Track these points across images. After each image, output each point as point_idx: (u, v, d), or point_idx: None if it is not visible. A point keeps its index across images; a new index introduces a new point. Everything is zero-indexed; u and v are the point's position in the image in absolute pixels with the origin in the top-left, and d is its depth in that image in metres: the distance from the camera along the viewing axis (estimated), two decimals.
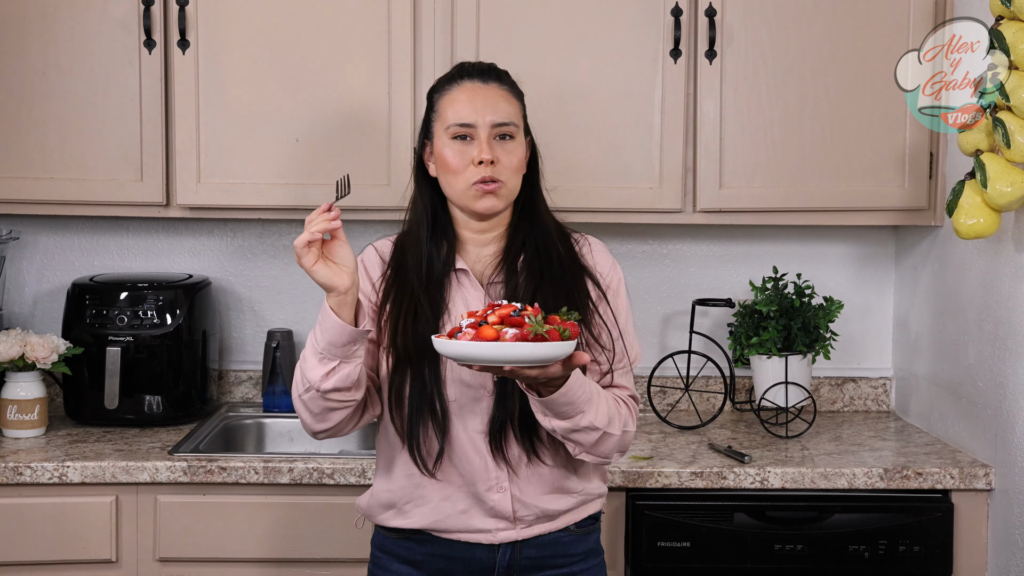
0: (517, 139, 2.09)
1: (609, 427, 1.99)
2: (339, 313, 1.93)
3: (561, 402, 1.91)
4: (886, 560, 2.61)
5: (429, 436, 2.05)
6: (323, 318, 1.94)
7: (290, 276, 3.23)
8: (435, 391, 2.04)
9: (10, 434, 2.82)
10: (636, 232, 3.22)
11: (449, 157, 2.06)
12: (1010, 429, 2.57)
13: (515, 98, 2.13)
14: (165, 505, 2.61)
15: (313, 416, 2.02)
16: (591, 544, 2.19)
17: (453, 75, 2.13)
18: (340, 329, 1.92)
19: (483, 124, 2.05)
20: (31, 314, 3.21)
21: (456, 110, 2.07)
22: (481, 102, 2.07)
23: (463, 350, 1.80)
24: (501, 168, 2.05)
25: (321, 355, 1.95)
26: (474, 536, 2.09)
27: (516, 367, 1.81)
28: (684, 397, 3.18)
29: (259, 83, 2.84)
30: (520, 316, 1.81)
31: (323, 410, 2.00)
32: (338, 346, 1.94)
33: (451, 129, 2.06)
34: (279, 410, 3.11)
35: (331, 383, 1.96)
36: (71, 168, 2.85)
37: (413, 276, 2.08)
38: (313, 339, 1.97)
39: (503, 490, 2.07)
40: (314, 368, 1.96)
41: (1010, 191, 2.38)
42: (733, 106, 2.86)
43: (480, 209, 2.07)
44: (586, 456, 2.03)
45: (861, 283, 3.27)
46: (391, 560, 2.15)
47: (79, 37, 2.83)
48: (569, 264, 2.11)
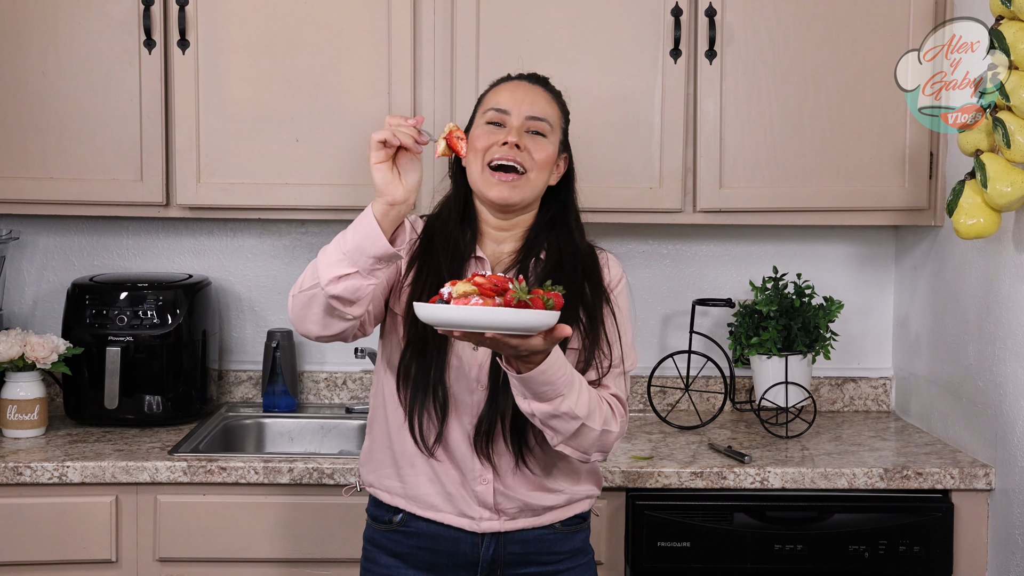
0: (549, 139, 2.13)
1: (589, 419, 1.98)
2: (380, 224, 1.90)
3: (540, 380, 1.89)
4: (886, 560, 2.61)
5: (430, 416, 2.07)
6: (361, 222, 1.91)
7: (290, 276, 3.23)
8: (439, 374, 2.05)
9: (10, 434, 2.82)
10: (636, 232, 3.22)
11: (478, 136, 2.11)
12: (1010, 429, 2.57)
13: (558, 106, 2.18)
14: (165, 505, 2.61)
15: (309, 315, 1.96)
16: (578, 543, 2.20)
17: (506, 76, 2.21)
18: (375, 238, 1.89)
19: (518, 113, 2.10)
20: (31, 314, 3.21)
21: (497, 98, 2.13)
22: (522, 94, 2.13)
23: (444, 314, 1.76)
24: (525, 156, 2.08)
25: (343, 256, 1.90)
26: (459, 520, 2.10)
27: (497, 334, 1.78)
28: (684, 397, 3.18)
29: (259, 83, 2.84)
30: (504, 282, 1.78)
31: (322, 313, 1.95)
32: (365, 255, 1.90)
33: (488, 113, 2.12)
34: (279, 410, 3.11)
35: (338, 288, 1.91)
36: (71, 168, 2.85)
37: (439, 252, 2.10)
38: (340, 240, 1.92)
39: (486, 482, 2.09)
40: (330, 266, 1.91)
41: (1010, 191, 2.38)
42: (733, 106, 2.86)
43: (492, 196, 2.08)
44: (564, 447, 2.01)
45: (861, 283, 3.27)
46: (380, 553, 2.17)
47: (79, 37, 2.83)
48: (592, 277, 2.12)
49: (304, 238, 3.23)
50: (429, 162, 2.72)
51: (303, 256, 3.22)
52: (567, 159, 2.19)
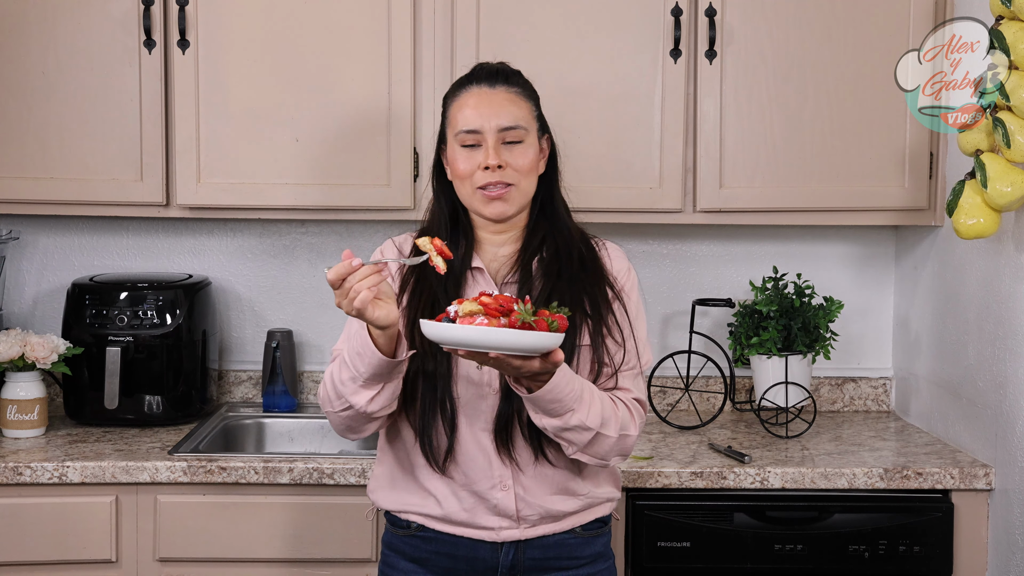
0: (527, 141, 2.09)
1: (603, 428, 1.98)
2: (384, 349, 1.92)
3: (547, 399, 1.90)
4: (886, 560, 2.61)
5: (439, 433, 2.06)
6: (363, 350, 1.93)
7: (290, 276, 3.23)
8: (446, 388, 2.05)
9: (10, 434, 2.82)
10: (636, 232, 3.22)
11: (457, 164, 2.09)
12: (1010, 429, 2.57)
13: (525, 99, 2.13)
14: (165, 505, 2.61)
15: (353, 431, 2.06)
16: (599, 548, 2.18)
17: (463, 80, 2.15)
18: (385, 363, 1.93)
19: (489, 129, 2.06)
20: (31, 314, 3.21)
21: (463, 116, 2.09)
22: (487, 108, 2.08)
23: (449, 333, 1.79)
24: (510, 172, 2.06)
25: (364, 381, 1.95)
26: (478, 533, 2.09)
27: (500, 354, 1.80)
28: (684, 397, 3.18)
29: (259, 83, 2.84)
30: (510, 302, 1.80)
31: (365, 425, 2.04)
32: (383, 374, 1.95)
33: (460, 136, 2.08)
34: (279, 410, 3.11)
35: (378, 404, 1.98)
36: (71, 168, 2.85)
37: (432, 271, 2.08)
38: (352, 368, 1.96)
39: (507, 488, 2.07)
40: (356, 393, 1.97)
41: (1010, 191, 2.38)
42: (733, 106, 2.86)
43: (489, 214, 2.08)
44: (581, 456, 2.02)
45: (861, 283, 3.27)
46: (398, 558, 2.16)
47: (79, 37, 2.83)
48: (590, 267, 2.12)
49: (304, 238, 3.23)
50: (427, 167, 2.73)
51: (303, 256, 3.22)
52: (548, 139, 2.16)
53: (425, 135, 2.84)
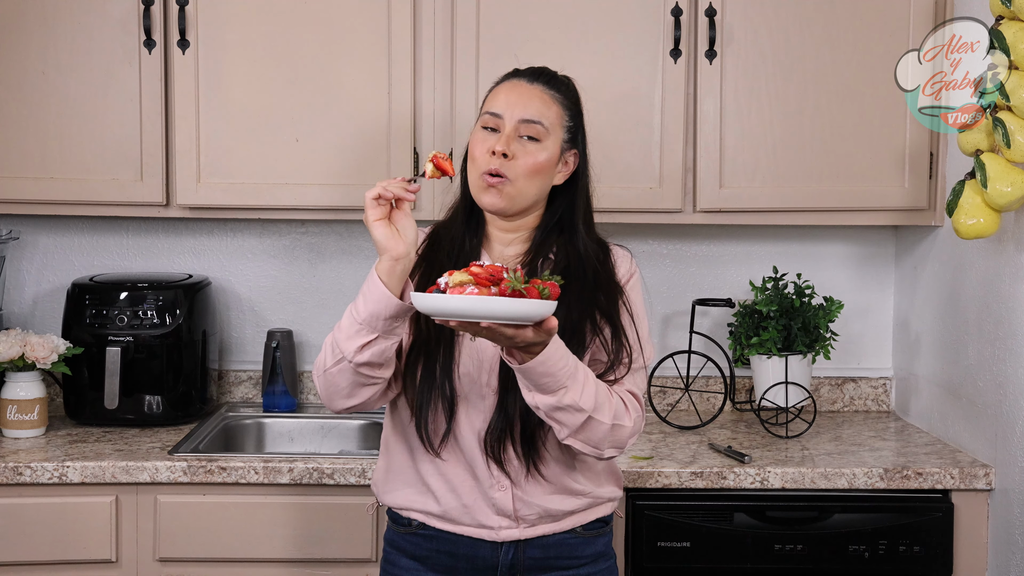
0: (544, 142, 2.07)
1: (596, 412, 1.96)
2: (387, 283, 1.91)
3: (540, 371, 1.88)
4: (886, 560, 2.61)
5: (438, 416, 2.05)
6: (369, 288, 1.92)
7: (290, 276, 3.23)
8: (446, 372, 2.04)
9: (10, 434, 2.82)
10: (636, 232, 3.22)
11: (473, 144, 2.09)
12: (1010, 429, 2.57)
13: (558, 104, 2.10)
14: (165, 505, 2.61)
15: (339, 390, 2.00)
16: (600, 547, 2.17)
17: (509, 73, 2.15)
18: (387, 301, 1.90)
19: (510, 117, 2.06)
20: (31, 314, 3.21)
21: (494, 100, 2.09)
22: (516, 97, 2.07)
23: (439, 304, 1.77)
24: (511, 165, 2.04)
25: (360, 326, 1.93)
26: (478, 531, 2.09)
27: (492, 323, 1.78)
28: (684, 397, 3.18)
29: (259, 83, 2.84)
30: (500, 271, 1.78)
31: (352, 384, 1.99)
32: (381, 319, 1.92)
33: (483, 117, 2.09)
34: (279, 410, 3.11)
35: (365, 356, 1.94)
36: (71, 168, 2.85)
37: (444, 258, 2.09)
38: (353, 310, 1.94)
39: (504, 488, 2.07)
40: (350, 339, 1.94)
41: (1010, 191, 2.38)
42: (733, 106, 2.86)
43: (482, 202, 2.07)
44: (573, 441, 1.98)
45: (861, 283, 3.27)
46: (399, 555, 2.16)
47: (79, 37, 2.83)
48: (603, 282, 2.09)
49: (304, 238, 3.23)
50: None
51: (303, 256, 3.23)
52: (577, 155, 2.12)
53: (425, 135, 2.84)
